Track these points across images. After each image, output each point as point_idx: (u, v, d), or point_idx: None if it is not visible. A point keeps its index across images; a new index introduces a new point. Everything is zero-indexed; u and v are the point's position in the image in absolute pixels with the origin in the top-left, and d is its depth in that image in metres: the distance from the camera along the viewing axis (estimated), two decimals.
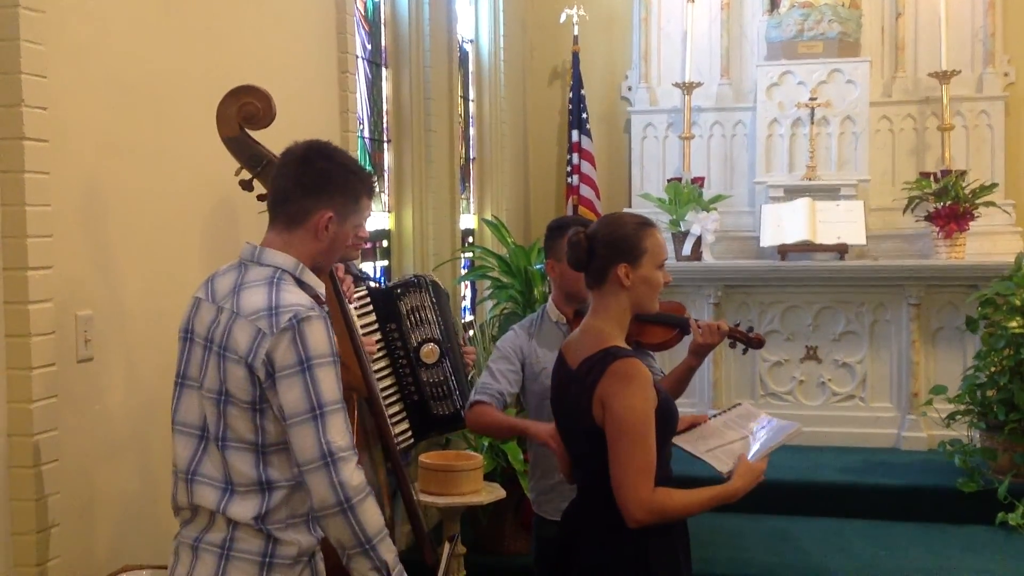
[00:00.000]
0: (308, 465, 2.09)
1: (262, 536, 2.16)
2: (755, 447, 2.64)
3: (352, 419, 2.85)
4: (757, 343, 3.33)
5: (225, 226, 3.37)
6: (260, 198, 2.68)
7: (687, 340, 3.28)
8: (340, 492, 2.09)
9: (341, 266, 3.07)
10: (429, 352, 3.25)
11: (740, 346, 3.33)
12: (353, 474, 2.11)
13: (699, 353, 3.20)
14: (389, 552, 2.17)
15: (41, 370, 2.53)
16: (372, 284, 3.54)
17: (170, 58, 3.13)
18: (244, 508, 2.15)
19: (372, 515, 2.13)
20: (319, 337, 2.12)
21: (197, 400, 2.21)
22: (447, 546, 2.82)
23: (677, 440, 2.75)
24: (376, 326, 3.25)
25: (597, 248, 2.53)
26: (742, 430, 2.75)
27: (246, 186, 2.74)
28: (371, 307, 3.25)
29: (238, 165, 2.77)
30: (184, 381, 2.25)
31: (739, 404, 2.92)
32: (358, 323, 3.20)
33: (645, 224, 2.57)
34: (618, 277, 2.50)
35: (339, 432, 2.11)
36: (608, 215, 2.72)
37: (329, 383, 2.12)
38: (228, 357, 2.14)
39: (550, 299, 3.42)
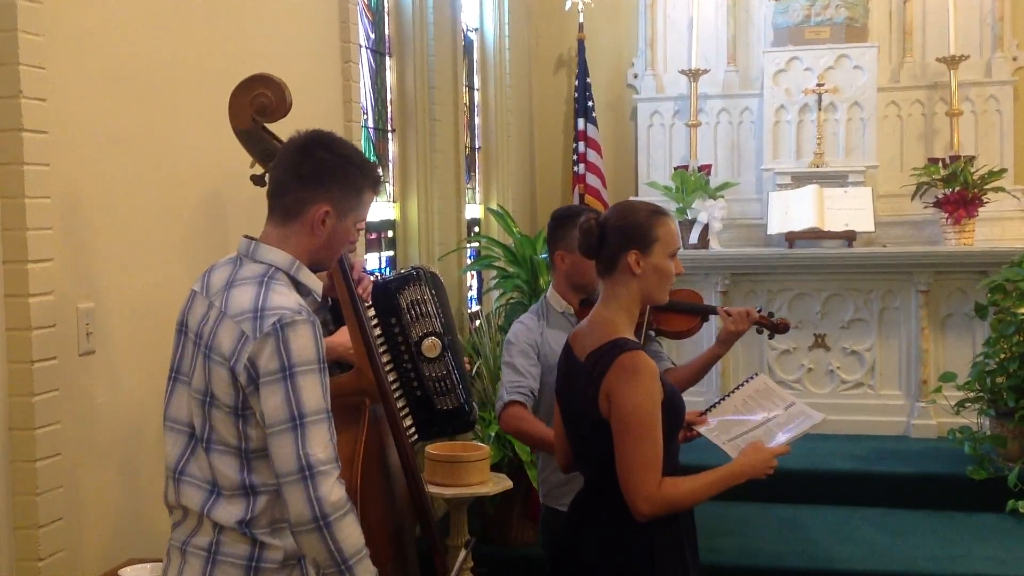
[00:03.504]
0: (285, 477, 2.00)
1: (247, 540, 2.10)
2: (778, 437, 2.61)
3: (362, 427, 2.81)
4: (783, 328, 3.43)
5: (229, 217, 3.35)
6: None
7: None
8: (316, 508, 1.99)
9: (359, 263, 3.01)
10: (431, 346, 3.18)
11: (766, 332, 3.42)
12: (332, 489, 2.01)
13: (727, 341, 3.26)
14: (367, 573, 2.07)
15: (42, 363, 2.51)
16: (371, 278, 3.48)
17: (171, 48, 3.11)
18: (228, 512, 2.09)
19: (350, 534, 2.03)
20: (303, 343, 2.02)
21: (187, 397, 2.15)
22: (462, 553, 2.76)
23: (699, 428, 2.73)
24: (376, 321, 3.20)
25: (608, 235, 2.51)
26: (763, 413, 2.71)
27: (258, 181, 2.64)
28: (370, 301, 3.20)
29: (250, 159, 2.69)
30: (177, 376, 2.20)
31: (756, 375, 2.89)
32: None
33: (658, 212, 2.55)
34: (628, 265, 2.47)
35: (320, 444, 2.01)
36: (621, 202, 2.70)
37: (312, 391, 2.02)
38: (213, 359, 2.07)
39: (551, 288, 3.39)
